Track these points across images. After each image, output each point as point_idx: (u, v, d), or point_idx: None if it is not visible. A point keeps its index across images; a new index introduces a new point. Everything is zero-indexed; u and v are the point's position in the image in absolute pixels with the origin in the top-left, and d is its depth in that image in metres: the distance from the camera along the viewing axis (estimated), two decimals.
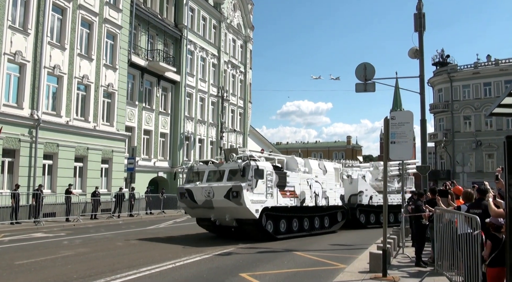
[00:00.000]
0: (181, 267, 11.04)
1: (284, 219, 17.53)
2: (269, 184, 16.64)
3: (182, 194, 17.11)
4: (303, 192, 18.50)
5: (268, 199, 16.56)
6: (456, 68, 53.50)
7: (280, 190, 17.22)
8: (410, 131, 9.63)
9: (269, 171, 16.77)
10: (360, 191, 23.55)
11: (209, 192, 16.06)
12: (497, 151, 49.14)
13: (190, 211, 17.72)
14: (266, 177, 16.50)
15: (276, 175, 17.12)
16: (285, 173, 17.86)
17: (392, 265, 10.68)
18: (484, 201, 7.67)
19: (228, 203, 15.67)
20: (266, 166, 16.87)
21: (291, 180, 17.97)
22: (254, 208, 15.77)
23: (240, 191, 15.37)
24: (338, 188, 21.35)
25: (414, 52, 18.05)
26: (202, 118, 39.34)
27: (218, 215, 16.50)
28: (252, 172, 15.87)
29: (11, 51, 21.20)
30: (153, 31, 33.16)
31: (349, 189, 23.14)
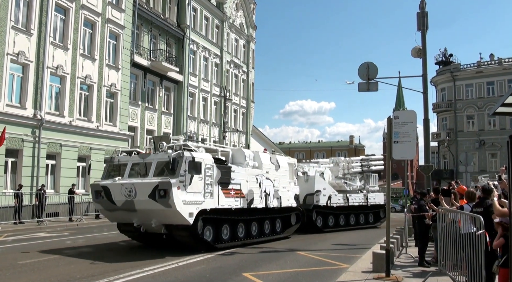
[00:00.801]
0: (184, 266, 11.06)
1: (227, 224, 14.61)
2: (209, 180, 13.57)
3: (97, 193, 13.70)
4: (251, 190, 15.52)
5: (207, 200, 13.48)
6: (459, 67, 53.37)
7: (222, 188, 14.18)
8: (413, 131, 9.61)
9: (209, 165, 13.68)
10: (317, 190, 20.70)
11: (130, 190, 12.80)
12: (501, 150, 48.96)
13: (109, 215, 14.26)
14: (205, 172, 13.42)
15: (218, 170, 14.02)
16: (230, 168, 14.77)
17: (395, 265, 10.66)
18: (487, 200, 7.65)
19: (153, 204, 12.52)
20: (205, 158, 13.69)
21: (237, 176, 14.95)
22: (187, 211, 12.71)
23: (168, 189, 12.26)
24: (292, 187, 18.42)
25: (417, 52, 18.03)
26: (204, 118, 39.35)
27: (143, 220, 13.30)
28: (185, 165, 12.78)
29: (14, 51, 21.25)
30: (155, 31, 33.18)
31: (305, 188, 20.31)
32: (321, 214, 21.04)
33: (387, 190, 10.17)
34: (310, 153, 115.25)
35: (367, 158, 26.50)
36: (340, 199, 22.16)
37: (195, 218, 13.00)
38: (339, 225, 22.15)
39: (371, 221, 24.80)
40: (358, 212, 23.56)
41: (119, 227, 14.87)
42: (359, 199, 23.56)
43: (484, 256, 6.82)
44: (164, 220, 13.05)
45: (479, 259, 6.91)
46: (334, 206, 21.61)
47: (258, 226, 16.19)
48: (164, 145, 13.38)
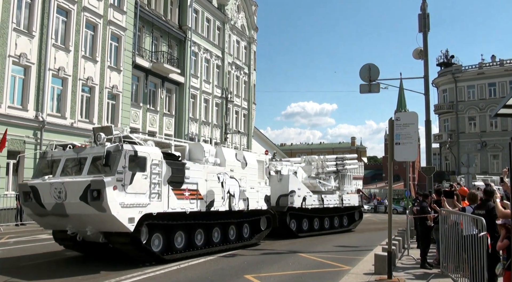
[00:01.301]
0: (185, 268, 11.06)
1: (181, 231, 12.66)
2: (156, 179, 11.63)
3: (25, 194, 11.49)
4: (211, 191, 13.60)
5: (153, 202, 11.50)
6: (461, 68, 53.33)
7: (174, 188, 12.25)
8: (415, 132, 9.60)
9: (156, 160, 11.75)
10: (292, 191, 18.81)
11: (60, 191, 10.74)
12: (502, 151, 48.88)
13: (39, 220, 12.13)
14: (151, 169, 11.51)
15: (168, 167, 12.10)
16: (183, 164, 12.81)
17: (397, 267, 10.65)
18: (490, 202, 7.64)
19: (85, 208, 10.47)
20: (151, 152, 11.76)
21: (193, 175, 13.01)
22: (126, 216, 10.71)
23: (102, 189, 10.29)
24: (262, 187, 16.46)
25: (419, 53, 18.03)
26: (206, 119, 39.36)
27: (77, 227, 11.30)
28: (124, 160, 10.87)
29: (16, 53, 21.29)
30: (157, 33, 33.21)
31: (278, 188, 18.50)
32: (296, 217, 19.17)
33: (389, 191, 10.16)
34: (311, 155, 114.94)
35: (342, 157, 24.79)
36: (315, 200, 20.41)
37: (137, 223, 10.95)
38: (313, 229, 20.34)
39: (346, 224, 23.11)
40: (333, 215, 21.89)
41: (54, 235, 12.74)
42: (334, 200, 21.96)
43: (486, 258, 6.81)
44: (100, 226, 11.03)
45: (481, 261, 6.89)
46: (309, 208, 19.76)
47: (221, 232, 14.27)
48: (102, 137, 11.31)
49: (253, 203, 15.65)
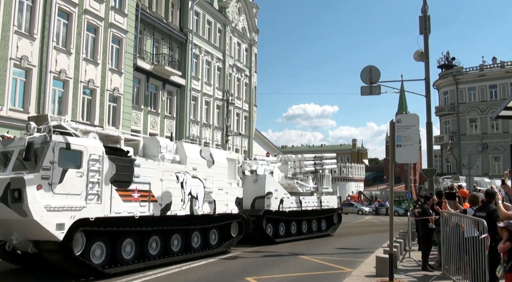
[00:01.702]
0: (187, 270, 11.05)
1: (131, 239, 10.95)
2: (95, 177, 9.95)
3: None
4: (167, 192, 11.96)
5: (91, 205, 9.82)
6: (462, 70, 53.34)
7: (119, 188, 10.54)
8: (416, 134, 9.60)
9: (96, 155, 10.06)
10: (269, 192, 17.32)
11: None
12: (503, 153, 48.86)
13: None
14: (89, 165, 9.84)
15: (111, 163, 10.41)
16: (132, 161, 11.12)
17: (398, 269, 10.64)
18: (491, 204, 7.63)
19: (6, 211, 8.97)
20: (89, 145, 10.08)
21: (145, 173, 11.29)
22: (53, 221, 9.10)
23: (22, 189, 8.75)
24: (233, 188, 14.93)
25: (420, 55, 18.03)
26: (207, 122, 39.37)
27: (1, 234, 9.88)
28: (53, 154, 9.29)
29: (17, 56, 21.31)
30: (158, 35, 33.25)
31: (254, 190, 17.13)
32: (272, 221, 17.64)
33: (390, 193, 10.16)
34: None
35: (321, 156, 23.33)
36: (293, 202, 18.94)
37: (68, 230, 9.28)
38: (291, 234, 18.87)
39: (324, 227, 21.53)
40: (311, 218, 20.40)
41: None
42: (313, 202, 20.46)
43: (488, 260, 6.80)
44: (26, 234, 9.37)
45: (482, 263, 6.89)
46: (286, 211, 18.26)
47: (183, 239, 12.69)
48: (31, 127, 9.83)
49: (221, 206, 14.06)
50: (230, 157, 15.23)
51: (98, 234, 10.10)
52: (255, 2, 49.87)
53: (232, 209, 14.65)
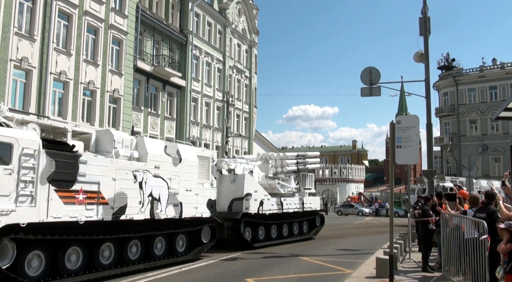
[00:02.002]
0: (187, 272, 11.05)
1: (77, 247, 9.69)
2: (27, 176, 8.62)
3: None
4: (121, 194, 10.54)
5: (22, 208, 8.50)
6: (462, 72, 53.34)
7: (59, 189, 9.16)
8: (416, 135, 9.60)
9: (30, 149, 8.70)
10: (248, 194, 15.91)
11: None
12: (504, 154, 48.85)
13: None
14: (20, 161, 8.52)
15: (50, 159, 9.01)
16: (76, 157, 9.62)
17: (398, 270, 10.63)
18: (491, 205, 7.64)
19: None
20: (21, 137, 8.70)
21: (93, 172, 9.88)
22: None
23: None
24: (205, 189, 13.47)
25: (420, 56, 18.03)
26: (207, 123, 39.38)
27: None
28: None
29: (17, 57, 21.33)
30: (158, 36, 33.27)
31: (231, 191, 15.88)
32: (251, 224, 16.24)
33: (390, 194, 10.16)
34: None
35: (304, 154, 21.98)
36: (274, 204, 17.57)
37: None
38: (270, 238, 17.52)
39: (305, 230, 20.38)
40: (292, 221, 19.10)
41: None
42: (295, 204, 19.19)
43: (488, 261, 6.80)
44: None
45: (482, 264, 6.89)
46: (266, 214, 16.86)
47: (143, 246, 11.33)
48: None
49: (189, 209, 12.59)
50: (202, 154, 13.62)
51: (34, 242, 8.75)
52: (255, 4, 49.92)
53: (203, 212, 13.16)
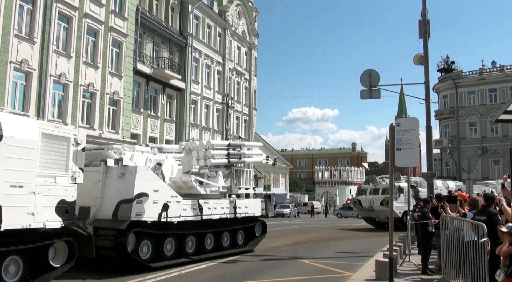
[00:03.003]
0: (186, 274, 11.04)
1: None
2: None
3: None
4: None
5: None
6: (461, 74, 53.41)
7: None
8: (415, 138, 9.61)
9: None
10: (140, 194, 11.41)
11: None
12: (503, 157, 48.87)
13: None
14: None
15: None
16: None
17: (398, 273, 10.62)
18: (490, 208, 7.63)
19: None
20: None
21: None
22: None
23: None
24: (56, 186, 9.09)
25: (419, 59, 18.03)
26: (207, 125, 39.39)
27: None
28: None
29: (17, 59, 21.34)
30: (158, 39, 33.31)
31: (118, 189, 11.42)
32: (150, 236, 11.88)
33: (390, 197, 10.16)
34: (312, 160, 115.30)
35: (239, 144, 17.40)
36: (188, 208, 13.04)
37: None
38: (185, 254, 12.98)
39: (241, 242, 15.78)
40: (221, 230, 14.64)
41: None
42: (222, 209, 14.62)
43: (488, 264, 6.79)
44: None
45: (482, 267, 6.87)
46: (174, 222, 12.51)
47: None
48: None
49: (16, 216, 8.17)
50: (52, 132, 9.19)
51: None
52: (255, 6, 49.99)
53: (47, 221, 8.73)
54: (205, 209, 13.75)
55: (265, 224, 17.32)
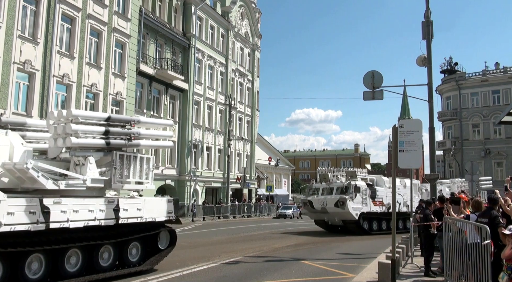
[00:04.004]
0: (188, 275, 11.03)
1: None
2: None
3: None
4: None
5: None
6: (464, 76, 53.30)
7: None
8: (418, 139, 9.58)
9: None
10: None
11: None
12: (506, 159, 48.80)
13: None
14: None
15: None
16: None
17: (400, 274, 10.59)
18: (493, 210, 7.60)
19: None
20: None
21: None
22: None
23: None
24: None
25: (422, 60, 17.98)
26: (209, 126, 39.42)
27: None
28: None
29: (20, 60, 21.41)
30: (161, 40, 33.37)
31: None
32: None
33: (393, 198, 10.13)
34: (315, 161, 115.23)
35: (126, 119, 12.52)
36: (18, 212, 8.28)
37: None
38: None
39: (135, 258, 11.16)
40: (93, 244, 9.92)
41: None
42: (91, 212, 9.76)
43: (491, 266, 6.76)
44: None
45: (485, 269, 6.85)
46: None
47: None
48: None
49: None
50: None
51: None
52: (258, 7, 50.03)
53: None
54: (55, 212, 8.94)
55: (173, 232, 12.48)
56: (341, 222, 24.98)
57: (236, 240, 18.07)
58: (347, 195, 23.77)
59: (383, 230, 25.05)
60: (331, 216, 25.08)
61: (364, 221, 24.58)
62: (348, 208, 23.49)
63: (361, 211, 24.03)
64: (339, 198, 23.79)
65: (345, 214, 23.97)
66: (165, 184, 33.83)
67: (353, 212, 23.62)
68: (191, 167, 35.88)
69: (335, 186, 25.17)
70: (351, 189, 24.00)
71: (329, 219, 25.68)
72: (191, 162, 36.36)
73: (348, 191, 24.12)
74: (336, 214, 24.38)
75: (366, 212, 24.49)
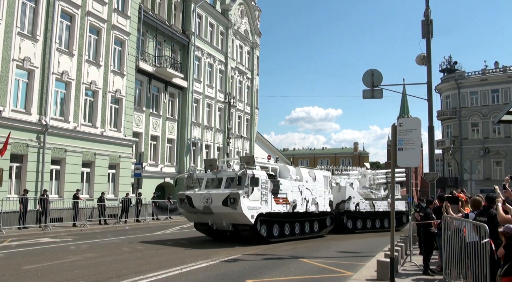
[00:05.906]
0: (187, 273, 11.02)
1: None
2: None
3: None
4: None
5: None
6: (464, 75, 53.33)
7: None
8: (418, 138, 9.56)
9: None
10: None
11: None
12: (505, 158, 48.86)
13: None
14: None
15: None
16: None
17: (399, 273, 10.61)
18: (492, 209, 7.61)
19: None
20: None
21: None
22: None
23: None
24: None
25: (422, 59, 17.97)
26: (209, 124, 39.40)
27: None
28: None
29: (19, 57, 21.37)
30: (160, 37, 33.33)
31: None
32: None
33: (391, 197, 10.13)
34: (314, 160, 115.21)
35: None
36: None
37: None
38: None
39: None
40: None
41: None
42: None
43: (489, 264, 6.78)
44: None
45: (484, 267, 6.86)
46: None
47: None
48: None
49: None
50: None
51: None
52: (257, 5, 49.97)
53: None
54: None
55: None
56: (230, 227, 17.70)
57: (235, 238, 18.05)
58: (241, 189, 16.88)
59: (286, 236, 19.09)
60: (217, 218, 17.68)
61: (263, 225, 17.88)
62: (242, 208, 16.68)
63: (259, 212, 17.47)
64: (230, 194, 16.83)
65: (237, 216, 17.06)
66: (164, 182, 33.83)
67: (247, 213, 16.90)
68: (190, 165, 35.87)
69: (225, 175, 17.99)
70: (247, 181, 17.08)
71: (215, 223, 17.97)
72: (190, 160, 36.36)
73: (242, 183, 17.19)
74: (225, 215, 17.30)
75: (265, 213, 17.88)
